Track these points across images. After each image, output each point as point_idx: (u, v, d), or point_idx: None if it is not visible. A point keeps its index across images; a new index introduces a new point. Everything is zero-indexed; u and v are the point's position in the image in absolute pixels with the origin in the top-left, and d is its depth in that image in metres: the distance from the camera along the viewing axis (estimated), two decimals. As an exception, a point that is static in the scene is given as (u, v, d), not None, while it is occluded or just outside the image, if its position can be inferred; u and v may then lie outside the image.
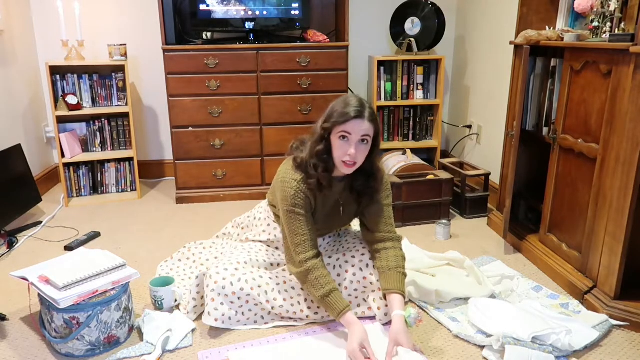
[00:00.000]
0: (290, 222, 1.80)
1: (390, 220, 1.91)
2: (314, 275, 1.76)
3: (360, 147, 1.72)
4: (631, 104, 1.75)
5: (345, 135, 1.71)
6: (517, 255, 2.45)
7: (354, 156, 1.71)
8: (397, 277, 1.79)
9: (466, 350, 1.74)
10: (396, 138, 3.61)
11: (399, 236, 1.91)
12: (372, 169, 1.83)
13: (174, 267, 2.29)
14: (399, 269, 1.82)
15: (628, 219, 1.81)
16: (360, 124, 1.70)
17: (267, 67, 3.06)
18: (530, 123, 2.51)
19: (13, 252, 2.52)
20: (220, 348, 1.74)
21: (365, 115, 1.71)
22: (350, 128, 1.70)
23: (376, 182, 1.85)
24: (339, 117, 1.71)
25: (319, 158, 1.76)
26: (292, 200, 1.78)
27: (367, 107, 1.73)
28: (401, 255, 1.87)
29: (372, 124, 1.73)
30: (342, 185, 1.86)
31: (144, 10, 3.42)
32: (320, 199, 1.85)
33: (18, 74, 3.16)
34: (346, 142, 1.71)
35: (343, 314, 1.73)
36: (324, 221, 1.92)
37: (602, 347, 1.74)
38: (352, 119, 1.69)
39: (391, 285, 1.78)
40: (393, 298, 1.76)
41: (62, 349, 1.71)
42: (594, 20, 2.09)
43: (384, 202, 1.90)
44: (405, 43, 3.40)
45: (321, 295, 1.74)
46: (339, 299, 1.75)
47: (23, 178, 2.86)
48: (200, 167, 3.16)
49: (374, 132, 1.75)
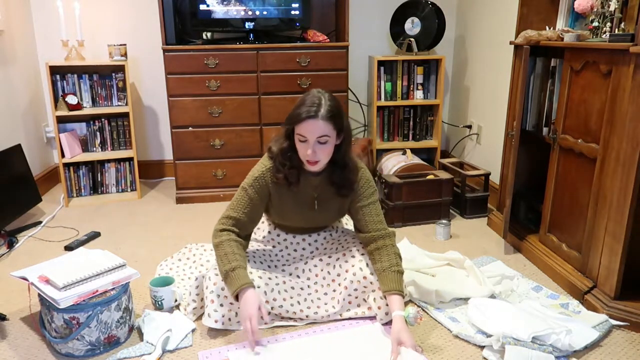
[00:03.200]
0: (236, 196, 1.85)
1: (379, 217, 1.88)
2: (224, 250, 1.76)
3: (319, 147, 1.70)
4: (631, 104, 1.75)
5: (302, 138, 1.70)
6: (517, 255, 2.45)
7: (313, 157, 1.71)
8: (392, 277, 1.78)
9: (466, 350, 1.74)
10: (396, 138, 3.61)
11: (391, 232, 1.88)
12: (343, 161, 1.80)
13: (174, 266, 2.29)
14: (392, 267, 1.80)
15: (628, 219, 1.81)
16: (314, 125, 1.67)
17: (267, 67, 3.06)
18: (530, 123, 2.51)
19: (13, 252, 2.52)
20: (220, 348, 1.74)
21: (319, 114, 1.66)
22: (304, 130, 1.68)
23: (351, 174, 1.82)
24: (292, 118, 1.70)
25: (284, 156, 1.79)
26: (251, 179, 1.83)
27: (323, 105, 1.68)
28: (394, 252, 1.84)
29: (329, 121, 1.68)
30: (319, 179, 1.85)
31: (144, 10, 3.42)
32: (291, 194, 1.86)
33: (18, 74, 3.16)
34: (304, 143, 1.70)
35: (242, 289, 1.68)
36: (298, 215, 1.92)
37: (602, 347, 1.74)
38: (304, 120, 1.67)
39: (388, 286, 1.77)
40: (392, 299, 1.76)
41: (62, 349, 1.71)
42: (594, 20, 2.09)
43: (368, 200, 1.88)
44: (405, 43, 3.40)
45: (226, 270, 1.72)
46: (242, 276, 1.71)
47: (23, 178, 2.86)
48: (200, 167, 3.16)
49: (333, 130, 1.71)
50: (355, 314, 1.89)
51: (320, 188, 1.86)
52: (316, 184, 1.86)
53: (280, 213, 1.95)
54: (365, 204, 1.87)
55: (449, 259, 2.26)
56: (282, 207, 1.91)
